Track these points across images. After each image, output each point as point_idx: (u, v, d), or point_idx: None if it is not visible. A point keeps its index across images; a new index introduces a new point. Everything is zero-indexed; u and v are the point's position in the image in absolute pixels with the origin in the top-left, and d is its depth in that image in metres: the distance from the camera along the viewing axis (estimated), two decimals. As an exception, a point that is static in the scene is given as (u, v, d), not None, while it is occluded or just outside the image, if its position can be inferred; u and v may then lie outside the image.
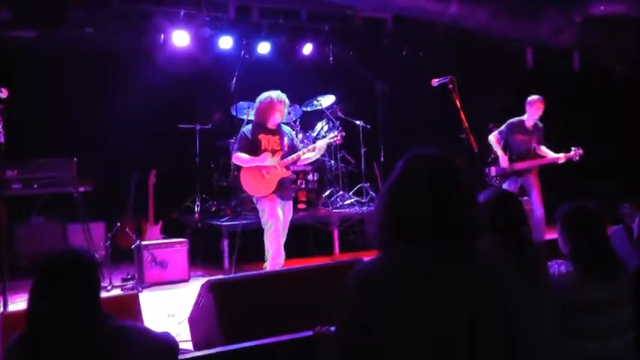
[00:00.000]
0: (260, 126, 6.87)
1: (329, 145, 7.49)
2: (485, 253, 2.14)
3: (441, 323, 1.94)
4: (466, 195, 2.12)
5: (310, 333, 2.94)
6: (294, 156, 6.82)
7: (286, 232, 6.92)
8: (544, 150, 8.36)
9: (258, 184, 6.76)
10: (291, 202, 7.07)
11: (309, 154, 6.92)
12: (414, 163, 2.15)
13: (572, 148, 8.21)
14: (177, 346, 2.68)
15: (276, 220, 6.64)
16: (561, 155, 8.20)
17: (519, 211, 3.20)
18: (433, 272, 2.00)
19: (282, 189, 6.80)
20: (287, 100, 6.90)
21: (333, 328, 2.55)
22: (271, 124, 6.84)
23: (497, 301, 2.05)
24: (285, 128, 7.10)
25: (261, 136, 6.79)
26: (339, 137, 7.14)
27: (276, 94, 6.81)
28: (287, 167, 6.82)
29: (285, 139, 6.93)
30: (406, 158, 2.17)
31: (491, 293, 2.04)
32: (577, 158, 8.19)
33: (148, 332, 2.55)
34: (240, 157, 6.77)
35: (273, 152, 6.77)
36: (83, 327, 2.37)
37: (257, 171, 6.74)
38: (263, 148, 6.77)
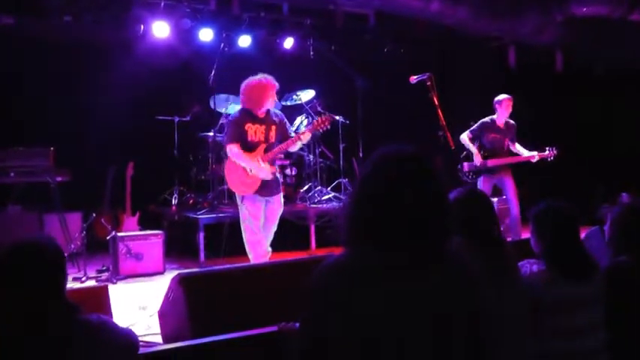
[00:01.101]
0: (248, 113, 6.30)
1: (315, 133, 7.14)
2: (457, 252, 2.11)
3: (413, 324, 1.91)
4: (439, 194, 2.07)
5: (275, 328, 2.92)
6: (275, 150, 6.29)
7: (275, 227, 6.50)
8: (518, 147, 8.41)
9: (242, 181, 6.27)
10: (279, 196, 6.49)
11: (297, 144, 6.40)
12: (386, 160, 2.09)
13: (547, 148, 8.25)
14: (138, 342, 2.65)
15: (254, 220, 6.21)
16: (534, 154, 8.26)
17: (488, 210, 3.18)
18: (405, 272, 1.96)
19: (266, 186, 6.28)
20: (277, 83, 6.36)
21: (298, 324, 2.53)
22: (261, 111, 6.29)
23: (471, 301, 2.02)
24: (275, 113, 6.50)
25: (247, 126, 6.24)
26: (326, 122, 6.38)
27: (263, 75, 6.29)
28: (272, 162, 6.32)
29: (273, 127, 6.34)
30: (378, 155, 2.12)
31: (465, 293, 2.01)
32: (551, 158, 8.24)
33: (112, 327, 2.52)
34: (235, 151, 6.22)
35: (258, 144, 6.25)
36: (45, 317, 2.33)
37: (241, 167, 6.26)
38: (249, 139, 6.23)
